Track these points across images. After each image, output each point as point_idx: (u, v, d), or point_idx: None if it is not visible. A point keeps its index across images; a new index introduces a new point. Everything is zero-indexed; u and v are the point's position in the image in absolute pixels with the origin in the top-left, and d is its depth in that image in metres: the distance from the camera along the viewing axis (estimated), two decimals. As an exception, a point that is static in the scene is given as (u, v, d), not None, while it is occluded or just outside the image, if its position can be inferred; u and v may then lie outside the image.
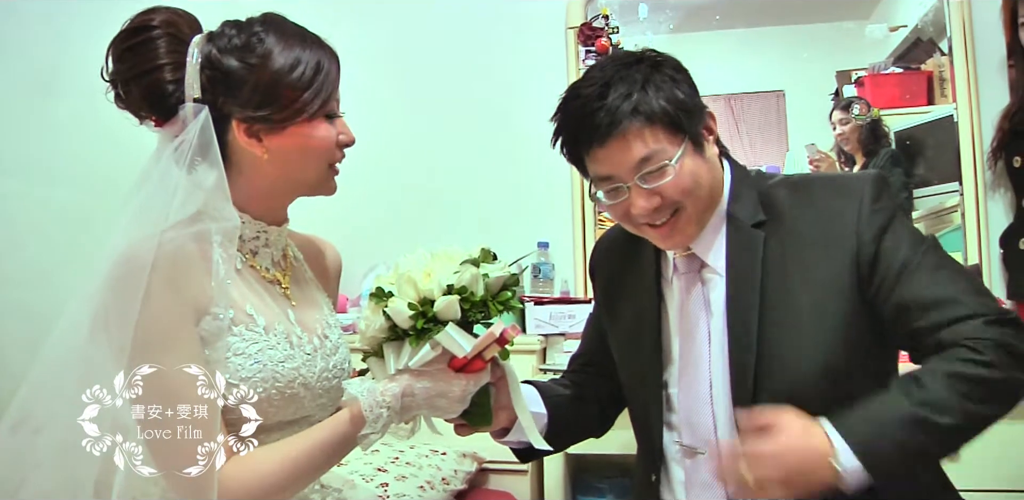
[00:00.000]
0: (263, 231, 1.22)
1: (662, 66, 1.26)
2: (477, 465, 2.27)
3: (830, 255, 1.23)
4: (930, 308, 1.16)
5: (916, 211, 2.70)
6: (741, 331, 1.26)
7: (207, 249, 1.10)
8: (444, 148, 2.86)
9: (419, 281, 1.11)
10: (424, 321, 1.09)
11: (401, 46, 2.87)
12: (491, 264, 1.16)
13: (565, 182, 2.79)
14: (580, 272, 2.76)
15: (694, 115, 1.25)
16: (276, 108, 1.12)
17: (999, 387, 1.10)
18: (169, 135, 1.14)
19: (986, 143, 2.52)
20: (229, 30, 1.16)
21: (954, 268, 1.21)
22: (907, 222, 1.27)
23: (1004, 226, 2.49)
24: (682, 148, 1.22)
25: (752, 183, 1.33)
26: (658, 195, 1.23)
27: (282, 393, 1.13)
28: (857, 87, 2.81)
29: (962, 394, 1.08)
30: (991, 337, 1.11)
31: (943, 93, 2.63)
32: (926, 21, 2.70)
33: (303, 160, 1.17)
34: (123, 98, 1.16)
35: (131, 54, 1.14)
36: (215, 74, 1.13)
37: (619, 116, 1.20)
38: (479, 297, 1.12)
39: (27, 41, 2.12)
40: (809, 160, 2.80)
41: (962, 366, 1.09)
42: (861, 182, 1.26)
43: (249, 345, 1.11)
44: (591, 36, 2.77)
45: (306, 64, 1.14)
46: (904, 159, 2.72)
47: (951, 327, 1.14)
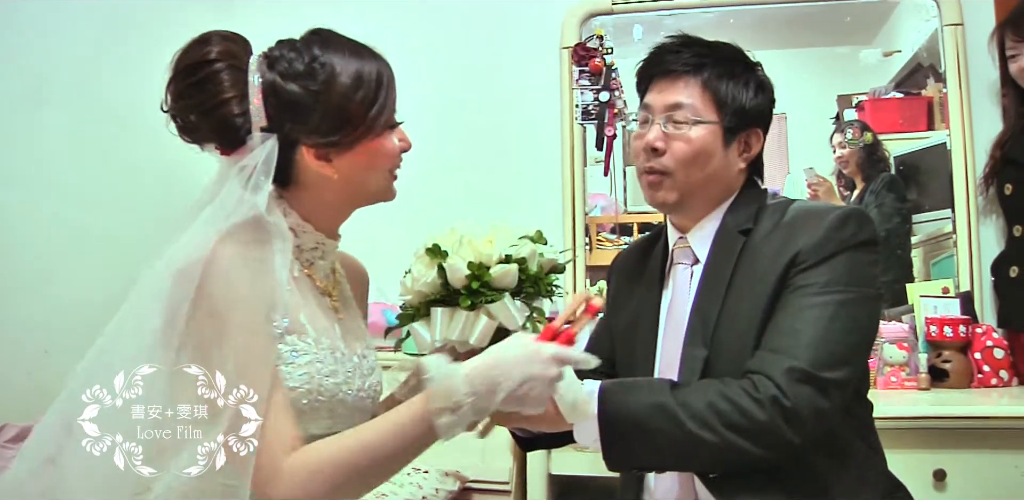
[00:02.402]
0: (321, 243, 1.21)
1: (752, 72, 1.38)
2: (460, 484, 2.26)
3: (775, 269, 1.26)
4: (777, 335, 1.21)
5: (915, 236, 2.69)
6: (699, 326, 1.30)
7: (268, 256, 1.09)
8: (435, 166, 2.83)
9: (480, 245, 1.12)
10: (479, 284, 1.09)
11: (394, 63, 2.82)
12: (544, 246, 1.19)
13: (556, 202, 2.78)
14: (570, 292, 2.73)
15: (740, 117, 1.34)
16: (346, 131, 1.13)
17: (756, 426, 1.14)
18: (231, 163, 1.14)
19: (979, 170, 2.51)
20: (287, 53, 1.15)
21: (843, 324, 1.21)
22: (858, 259, 1.26)
23: (995, 253, 2.48)
24: (710, 124, 1.32)
25: (756, 199, 1.38)
26: (665, 144, 1.33)
27: (324, 407, 1.12)
28: (858, 111, 2.80)
29: (717, 411, 1.15)
30: (779, 384, 1.15)
31: (943, 119, 2.62)
32: (921, 47, 2.70)
33: (370, 172, 1.18)
34: (188, 131, 1.15)
35: (196, 90, 1.13)
36: (280, 102, 1.12)
37: (685, 64, 1.34)
38: (533, 272, 1.13)
39: (19, 52, 2.14)
40: (807, 184, 2.79)
41: (736, 392, 1.16)
42: (833, 213, 1.28)
43: (300, 355, 1.10)
44: (585, 56, 2.77)
45: (368, 80, 1.15)
46: (902, 184, 2.71)
47: (766, 355, 1.19)
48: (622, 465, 1.26)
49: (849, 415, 1.27)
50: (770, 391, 1.14)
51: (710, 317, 1.29)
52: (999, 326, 2.41)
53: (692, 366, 1.28)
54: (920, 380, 2.28)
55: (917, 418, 1.95)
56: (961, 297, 2.44)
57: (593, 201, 2.86)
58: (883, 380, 2.30)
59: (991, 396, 2.21)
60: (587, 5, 2.81)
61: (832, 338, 1.19)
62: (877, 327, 1.35)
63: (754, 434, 1.14)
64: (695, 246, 1.38)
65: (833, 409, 1.18)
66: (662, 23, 2.82)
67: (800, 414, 1.14)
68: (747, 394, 1.15)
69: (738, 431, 1.14)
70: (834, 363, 1.18)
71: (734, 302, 1.28)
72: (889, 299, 2.56)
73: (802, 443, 1.15)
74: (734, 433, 1.14)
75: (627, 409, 1.18)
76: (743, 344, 1.25)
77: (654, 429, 1.16)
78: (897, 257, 2.67)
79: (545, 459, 2.15)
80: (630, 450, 1.20)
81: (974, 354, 2.31)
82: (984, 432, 1.92)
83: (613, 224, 2.88)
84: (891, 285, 2.59)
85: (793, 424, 1.14)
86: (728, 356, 1.26)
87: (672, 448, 1.18)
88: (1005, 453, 1.90)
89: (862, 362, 1.31)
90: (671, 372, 1.32)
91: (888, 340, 2.32)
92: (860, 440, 1.31)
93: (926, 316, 2.38)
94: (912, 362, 2.31)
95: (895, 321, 2.43)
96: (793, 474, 1.22)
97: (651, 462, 1.23)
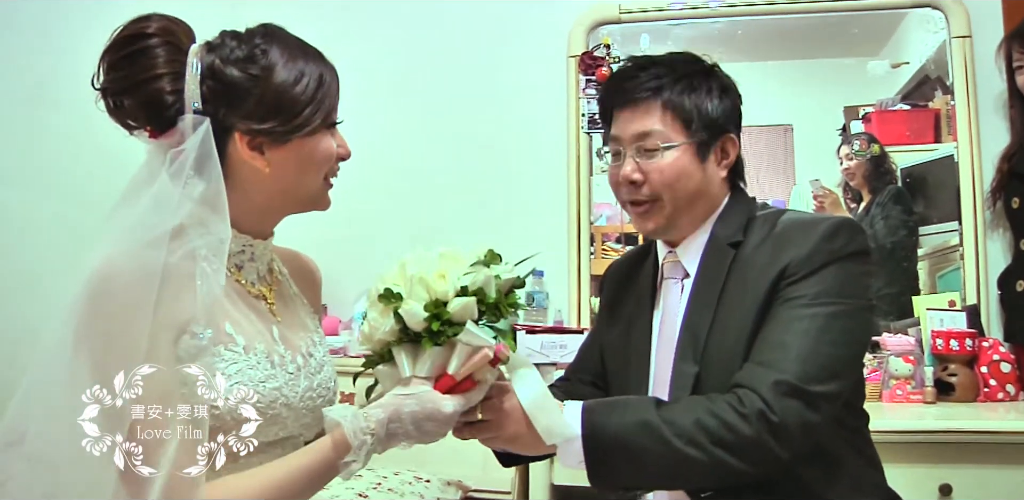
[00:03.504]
0: (248, 245, 1.19)
1: (712, 78, 1.36)
2: (462, 493, 2.24)
3: (765, 281, 1.24)
4: (765, 348, 1.20)
5: (921, 249, 2.68)
6: (690, 342, 1.29)
7: (189, 265, 1.06)
8: (441, 174, 2.86)
9: (432, 283, 1.09)
10: (440, 323, 1.07)
11: (401, 71, 2.87)
12: (499, 265, 1.15)
13: (561, 211, 2.79)
14: (574, 302, 2.75)
15: (710, 129, 1.33)
16: (282, 121, 1.11)
17: (742, 441, 1.12)
18: (163, 147, 1.11)
19: (987, 183, 2.51)
20: (230, 41, 1.14)
21: (832, 337, 1.19)
22: (849, 270, 1.24)
23: (1002, 266, 2.47)
24: (681, 145, 1.31)
25: (745, 210, 1.36)
26: (642, 175, 1.32)
27: (263, 414, 1.09)
28: (864, 123, 2.80)
29: (703, 428, 1.12)
30: (766, 398, 1.13)
31: (950, 131, 2.62)
32: (929, 59, 2.70)
33: (303, 173, 1.16)
34: (115, 108, 1.13)
35: (127, 62, 1.10)
36: (217, 85, 1.10)
37: (643, 90, 1.33)
38: (492, 299, 1.11)
39: (21, 52, 2.14)
40: (813, 196, 2.78)
41: (722, 408, 1.14)
42: (823, 224, 1.26)
43: (228, 365, 1.08)
44: (592, 65, 2.77)
45: (309, 77, 1.13)
46: (909, 197, 2.71)
47: (753, 368, 1.18)
48: (609, 485, 1.22)
49: (840, 426, 1.25)
50: (756, 405, 1.12)
51: (700, 333, 1.28)
52: (1005, 340, 2.40)
53: (683, 383, 1.27)
54: (926, 393, 2.26)
55: (923, 432, 1.94)
56: (967, 310, 2.43)
57: (598, 210, 2.86)
58: (889, 393, 2.29)
59: (998, 410, 2.19)
60: (594, 14, 2.82)
61: (821, 351, 1.17)
62: (870, 338, 1.34)
63: (741, 450, 1.12)
64: (684, 260, 1.37)
65: (822, 423, 1.16)
66: (669, 32, 2.83)
67: (788, 428, 1.12)
68: (733, 409, 1.13)
69: (725, 447, 1.12)
70: (823, 376, 1.16)
71: (724, 316, 1.27)
72: (895, 312, 2.55)
73: (790, 458, 1.14)
74: (721, 449, 1.12)
75: (611, 428, 1.16)
76: (733, 358, 1.23)
77: (640, 448, 1.14)
78: (903, 270, 2.66)
79: (547, 469, 2.14)
80: (616, 470, 1.17)
81: (980, 368, 2.30)
82: (991, 446, 1.90)
83: (618, 233, 2.89)
84: (897, 298, 2.58)
85: (780, 439, 1.12)
86: (719, 371, 1.24)
87: (658, 466, 1.15)
88: (1012, 468, 1.89)
89: (853, 374, 1.28)
90: (664, 388, 1.30)
91: (894, 353, 2.30)
92: (853, 452, 1.29)
93: (932, 329, 2.37)
94: (918, 375, 2.30)
95: (901, 334, 2.41)
96: (784, 488, 1.20)
97: (638, 481, 1.21)
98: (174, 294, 1.05)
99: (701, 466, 1.13)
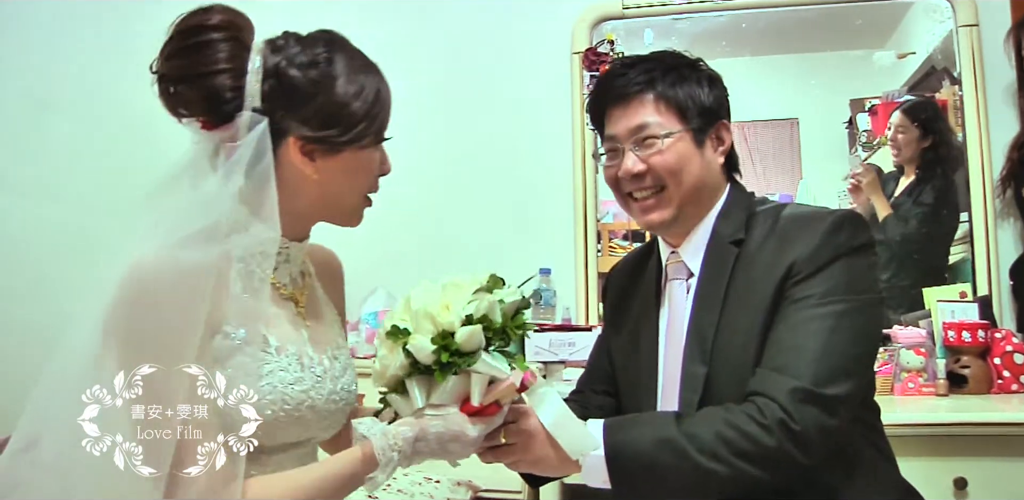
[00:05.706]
0: (285, 247, 1.18)
1: (698, 68, 1.37)
2: (472, 494, 2.23)
3: (771, 280, 1.23)
4: (777, 352, 1.18)
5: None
6: (697, 343, 1.28)
7: (225, 264, 1.06)
8: (446, 172, 2.86)
9: (437, 314, 1.10)
10: (449, 354, 1.08)
11: (404, 70, 2.81)
12: (502, 290, 1.15)
13: (568, 208, 2.78)
14: (582, 299, 2.74)
15: (704, 116, 1.34)
16: (339, 131, 1.11)
17: (765, 452, 1.11)
18: (214, 138, 1.11)
19: (996, 172, 2.49)
20: (293, 43, 1.13)
21: (844, 336, 1.18)
22: (856, 265, 1.23)
23: (1014, 256, 2.45)
24: (679, 132, 1.32)
25: (745, 206, 1.36)
26: (645, 165, 1.32)
27: (290, 416, 1.10)
28: (871, 115, 2.78)
29: (724, 441, 1.12)
30: (785, 406, 1.12)
31: (958, 121, 2.60)
32: (936, 49, 2.68)
33: (347, 185, 1.17)
34: (171, 94, 1.11)
35: (191, 52, 1.09)
36: (279, 87, 1.10)
37: (634, 85, 1.34)
38: (498, 324, 1.11)
39: (25, 59, 2.14)
40: (851, 174, 2.71)
41: (742, 419, 1.13)
42: (826, 218, 1.25)
43: (260, 366, 1.08)
44: (596, 61, 2.76)
45: (369, 91, 1.14)
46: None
47: (768, 374, 1.17)
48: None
49: (857, 423, 1.24)
50: (776, 415, 1.12)
51: (707, 333, 1.27)
52: (1018, 330, 2.39)
53: (693, 384, 1.26)
54: (938, 386, 2.25)
55: (936, 425, 1.92)
56: (979, 301, 2.42)
57: (605, 208, 2.84)
58: (900, 386, 2.27)
59: (1011, 402, 2.17)
60: (598, 10, 2.81)
61: (834, 351, 1.16)
62: (881, 332, 1.33)
63: (764, 461, 1.12)
64: (687, 260, 1.36)
65: (841, 426, 1.15)
66: (673, 27, 2.82)
67: (808, 435, 1.12)
68: (753, 420, 1.13)
69: (748, 459, 1.11)
70: (838, 378, 1.15)
71: (731, 317, 1.26)
72: (905, 304, 2.53)
73: (812, 463, 1.13)
74: (744, 461, 1.11)
75: (634, 446, 1.16)
76: (743, 360, 1.22)
77: (664, 465, 1.14)
78: (914, 260, 2.64)
79: (558, 468, 2.13)
80: (641, 487, 1.17)
81: (993, 359, 2.28)
82: (1005, 439, 1.89)
83: (625, 230, 2.87)
84: (908, 289, 2.56)
85: (802, 447, 1.12)
86: (728, 372, 1.23)
87: (683, 482, 1.15)
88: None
89: (867, 372, 1.27)
90: (674, 391, 1.30)
91: (905, 345, 2.29)
92: (869, 445, 1.28)
93: (944, 321, 2.35)
94: (930, 368, 2.28)
95: (912, 326, 2.40)
96: (802, 487, 1.19)
97: (662, 497, 1.20)
98: (208, 293, 1.04)
99: (724, 479, 1.12)
